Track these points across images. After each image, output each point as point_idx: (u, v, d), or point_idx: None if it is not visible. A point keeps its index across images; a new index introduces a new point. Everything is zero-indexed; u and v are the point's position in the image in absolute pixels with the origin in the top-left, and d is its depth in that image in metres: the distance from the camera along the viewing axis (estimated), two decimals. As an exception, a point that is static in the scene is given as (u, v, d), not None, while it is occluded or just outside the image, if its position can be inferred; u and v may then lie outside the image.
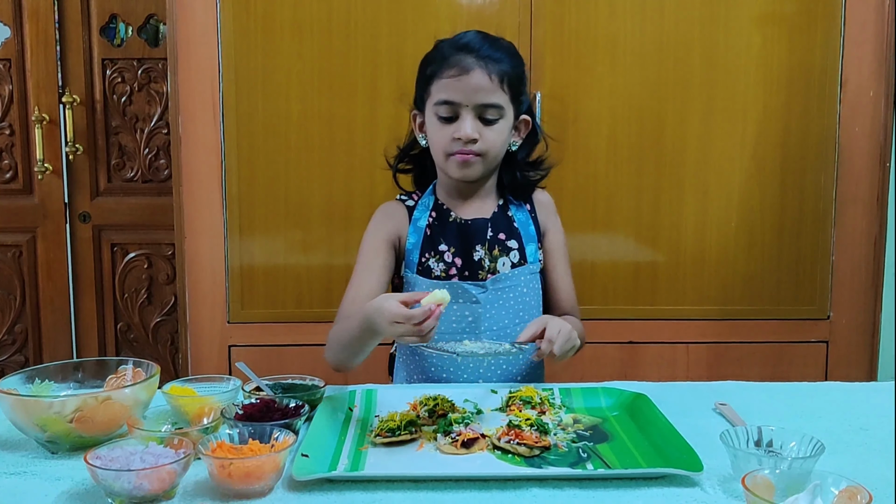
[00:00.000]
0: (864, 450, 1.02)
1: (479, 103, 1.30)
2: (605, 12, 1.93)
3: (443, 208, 1.41)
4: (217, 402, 1.06)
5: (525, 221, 1.43)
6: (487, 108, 1.31)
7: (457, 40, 1.33)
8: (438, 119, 1.32)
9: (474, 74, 1.29)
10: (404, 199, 1.45)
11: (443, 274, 1.37)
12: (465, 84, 1.29)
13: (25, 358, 2.55)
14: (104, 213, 2.50)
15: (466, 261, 1.38)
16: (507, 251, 1.39)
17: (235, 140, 1.94)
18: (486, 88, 1.30)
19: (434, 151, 1.37)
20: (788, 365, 2.03)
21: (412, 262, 1.39)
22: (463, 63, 1.29)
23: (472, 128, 1.30)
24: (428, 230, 1.39)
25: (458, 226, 1.39)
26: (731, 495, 0.88)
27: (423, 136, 1.40)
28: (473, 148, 1.31)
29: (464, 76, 1.29)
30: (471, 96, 1.29)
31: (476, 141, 1.30)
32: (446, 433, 1.02)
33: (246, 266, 1.97)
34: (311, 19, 1.91)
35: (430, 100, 1.34)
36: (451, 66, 1.30)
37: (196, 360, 1.99)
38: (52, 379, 1.10)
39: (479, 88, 1.29)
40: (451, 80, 1.30)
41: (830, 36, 1.95)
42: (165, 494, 0.87)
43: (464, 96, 1.29)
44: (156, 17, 2.45)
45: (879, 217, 1.99)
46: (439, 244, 1.39)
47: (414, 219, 1.41)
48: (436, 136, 1.34)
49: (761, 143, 1.98)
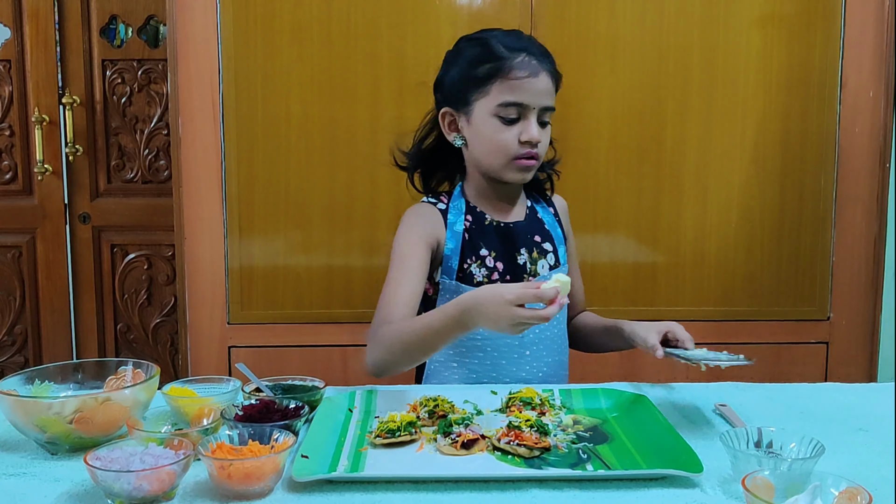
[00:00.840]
0: (864, 450, 1.02)
1: (544, 106, 1.31)
2: (605, 13, 1.93)
3: (476, 211, 1.39)
4: (217, 403, 1.06)
5: (553, 224, 1.44)
6: (546, 111, 1.32)
7: (507, 41, 1.31)
8: (500, 120, 1.30)
9: (542, 77, 1.30)
10: (434, 202, 1.40)
11: (485, 279, 1.35)
12: (533, 86, 1.29)
13: (25, 359, 2.55)
14: (104, 214, 2.51)
15: (509, 265, 1.36)
16: (545, 253, 1.40)
17: (235, 141, 1.94)
18: (549, 91, 1.32)
19: (488, 153, 1.33)
20: (788, 366, 2.02)
21: (451, 269, 1.35)
22: (530, 65, 1.29)
23: (537, 130, 1.30)
24: (466, 234, 1.36)
25: (497, 229, 1.38)
26: (731, 496, 0.88)
27: (457, 136, 1.37)
28: (536, 151, 1.31)
29: (532, 78, 1.29)
30: (538, 99, 1.30)
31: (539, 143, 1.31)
32: (446, 434, 1.02)
33: (246, 267, 1.97)
34: (311, 20, 1.91)
35: (485, 100, 1.30)
36: (519, 68, 1.28)
37: (196, 361, 1.99)
38: (51, 380, 1.10)
39: (545, 91, 1.30)
40: (520, 81, 1.28)
41: (830, 36, 1.95)
42: (165, 495, 0.87)
43: (532, 98, 1.29)
44: (156, 18, 2.45)
45: (879, 218, 1.99)
46: (480, 249, 1.36)
47: (449, 223, 1.36)
48: (496, 138, 1.31)
49: (761, 143, 1.98)
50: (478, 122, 1.32)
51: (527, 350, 1.36)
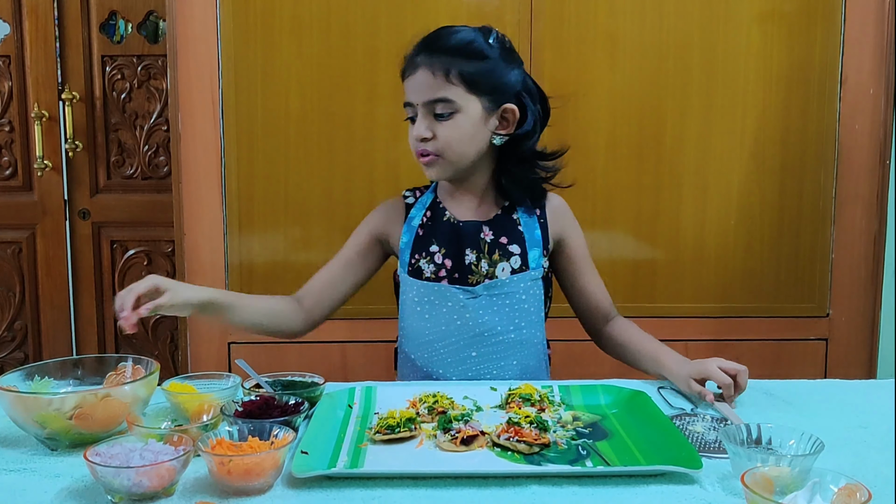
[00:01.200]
0: (863, 447, 1.02)
1: (426, 100, 1.30)
2: (604, 10, 1.93)
3: (438, 206, 1.40)
4: (216, 399, 1.06)
5: (531, 225, 1.39)
6: (436, 104, 1.29)
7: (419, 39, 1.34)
8: (407, 119, 1.34)
9: (420, 72, 1.30)
10: (407, 195, 1.45)
11: (433, 276, 1.36)
12: (412, 83, 1.31)
13: (25, 355, 2.55)
14: (104, 210, 2.50)
15: (456, 263, 1.36)
16: (508, 256, 1.36)
17: (235, 137, 1.94)
18: (430, 85, 1.29)
19: None
20: (788, 362, 2.03)
21: (404, 262, 1.39)
22: (412, 63, 1.31)
23: (423, 126, 1.30)
24: (420, 230, 1.39)
25: (450, 226, 1.38)
26: (731, 493, 0.88)
27: None
28: (428, 147, 1.31)
29: (412, 76, 1.31)
30: (417, 95, 1.30)
31: (429, 140, 1.30)
32: (446, 430, 1.02)
33: (245, 263, 1.97)
34: (310, 16, 1.91)
35: None
36: (405, 69, 1.33)
37: (195, 358, 1.99)
38: (51, 376, 1.10)
39: (424, 85, 1.29)
40: (406, 81, 1.33)
41: (830, 34, 1.95)
42: (165, 491, 0.87)
43: (413, 94, 1.31)
44: (155, 13, 2.44)
45: (879, 215, 1.99)
46: (430, 245, 1.38)
47: (409, 217, 1.41)
48: (409, 137, 1.35)
49: (761, 140, 1.98)
50: None
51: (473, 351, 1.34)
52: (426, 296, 1.35)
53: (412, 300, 1.37)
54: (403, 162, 1.95)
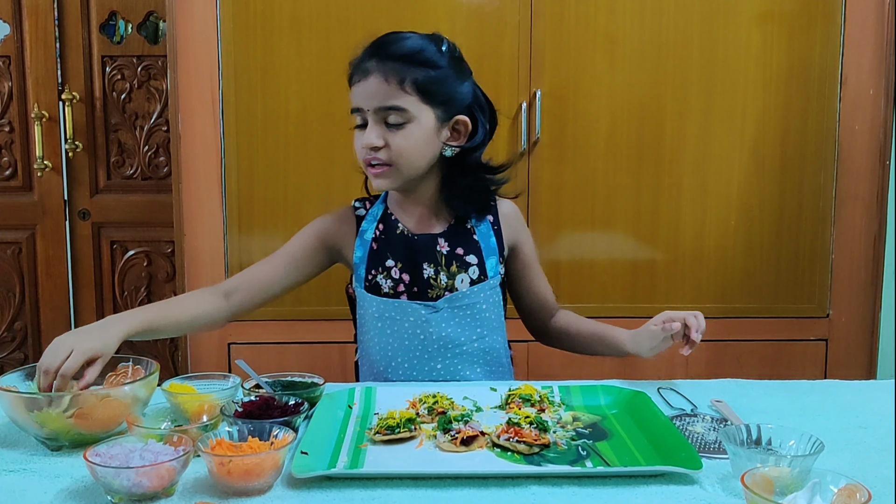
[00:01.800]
0: (863, 448, 1.02)
1: (378, 107, 1.25)
2: (604, 10, 1.93)
3: (391, 219, 1.37)
4: (216, 399, 1.06)
5: (486, 233, 1.36)
6: (389, 112, 1.25)
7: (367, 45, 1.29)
8: (355, 128, 1.30)
9: (372, 78, 1.25)
10: (357, 206, 1.41)
11: (391, 291, 1.33)
12: (363, 89, 1.26)
13: (25, 355, 2.55)
14: (104, 211, 2.50)
15: (414, 276, 1.33)
16: (466, 267, 1.34)
17: (235, 137, 1.94)
18: (384, 92, 1.24)
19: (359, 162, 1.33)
20: (788, 363, 2.03)
21: (360, 277, 1.35)
22: (362, 68, 1.26)
23: (374, 134, 1.26)
24: (374, 244, 1.35)
25: (405, 239, 1.34)
26: (731, 493, 0.88)
27: None
28: (380, 156, 1.27)
29: (362, 81, 1.26)
30: (368, 101, 1.25)
31: (380, 149, 1.26)
32: (445, 431, 1.02)
33: (245, 263, 1.97)
34: (310, 17, 1.91)
35: None
36: (353, 73, 1.28)
37: (195, 358, 1.99)
38: (51, 376, 1.10)
39: (376, 92, 1.25)
40: (355, 87, 1.28)
41: (830, 34, 1.95)
42: (165, 492, 0.87)
43: (363, 101, 1.26)
44: (155, 14, 2.44)
45: (879, 215, 1.99)
46: (386, 259, 1.34)
47: (361, 230, 1.37)
48: (355, 145, 1.31)
49: (761, 141, 1.98)
50: None
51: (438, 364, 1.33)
52: (386, 312, 1.32)
53: (371, 316, 1.33)
54: (403, 162, 1.95)
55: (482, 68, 1.93)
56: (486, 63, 1.93)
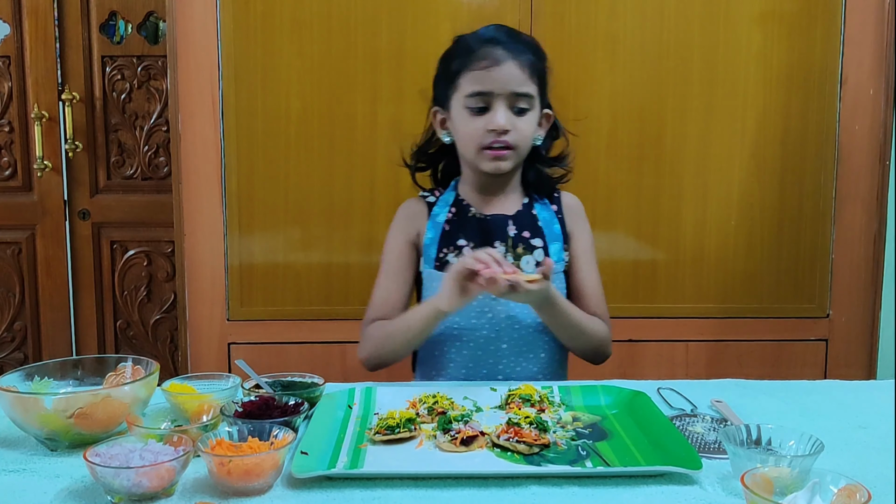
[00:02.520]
0: (863, 448, 1.02)
1: (512, 92, 1.31)
2: (605, 10, 1.93)
3: (462, 203, 1.41)
4: (216, 399, 1.06)
5: (550, 220, 1.42)
6: (520, 98, 1.32)
7: (481, 35, 1.35)
8: (470, 111, 1.32)
9: (506, 65, 1.30)
10: (426, 195, 1.45)
11: None
12: (497, 74, 1.30)
13: (25, 355, 2.55)
14: (104, 211, 2.50)
15: None
16: (532, 249, 1.39)
17: (235, 137, 1.94)
18: (518, 77, 1.31)
19: (464, 145, 1.36)
20: (788, 363, 2.03)
21: (430, 258, 1.39)
22: (494, 54, 1.31)
23: (505, 118, 1.31)
24: (447, 225, 1.40)
25: (477, 221, 1.39)
26: (731, 493, 0.88)
27: (446, 132, 1.40)
28: (507, 139, 1.31)
29: (495, 67, 1.30)
30: (504, 85, 1.30)
31: (508, 132, 1.31)
32: (445, 431, 1.02)
33: (245, 263, 1.97)
34: (311, 16, 1.91)
35: (457, 93, 1.34)
36: (482, 58, 1.31)
37: (195, 358, 1.99)
38: (51, 376, 1.10)
39: (511, 78, 1.31)
40: (483, 71, 1.31)
41: (830, 34, 1.95)
42: (164, 492, 0.87)
43: (497, 85, 1.30)
44: (155, 14, 2.44)
45: (879, 215, 1.99)
46: (458, 239, 1.38)
47: (433, 214, 1.41)
48: (467, 129, 1.33)
49: (761, 141, 1.98)
50: (455, 115, 1.36)
51: (503, 343, 1.36)
52: None
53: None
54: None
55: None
56: (486, 63, 1.93)
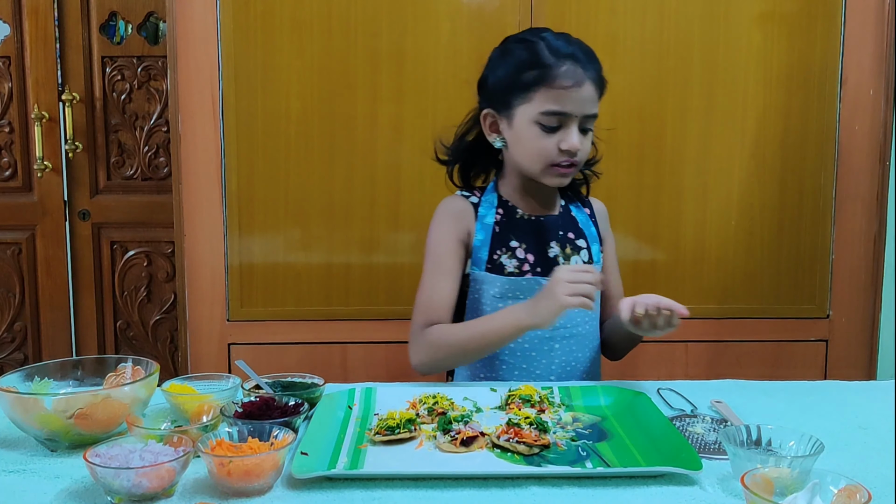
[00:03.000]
0: (863, 448, 1.02)
1: (587, 114, 1.31)
2: (605, 11, 1.93)
3: (508, 205, 1.41)
4: (216, 400, 1.06)
5: (586, 222, 1.45)
6: (589, 119, 1.32)
7: (557, 47, 1.31)
8: (541, 128, 1.30)
9: (586, 86, 1.29)
10: (467, 195, 1.43)
11: (516, 270, 1.37)
12: (578, 95, 1.29)
13: (25, 356, 2.55)
14: (104, 211, 2.50)
15: (539, 257, 1.38)
16: (578, 250, 1.41)
17: (235, 138, 1.94)
18: (593, 99, 1.31)
19: (530, 159, 1.34)
20: (788, 364, 2.03)
21: (480, 260, 1.37)
22: (576, 74, 1.29)
23: (578, 139, 1.30)
24: (496, 227, 1.39)
25: (528, 223, 1.40)
26: (731, 494, 0.88)
27: (497, 137, 1.38)
28: (575, 158, 1.32)
29: (577, 88, 1.29)
30: (581, 107, 1.30)
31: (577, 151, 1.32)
32: (445, 431, 1.02)
33: (245, 264, 1.97)
34: (311, 17, 1.91)
35: (527, 106, 1.31)
36: (564, 77, 1.28)
37: (195, 358, 1.99)
38: (51, 377, 1.10)
39: (588, 100, 1.30)
40: (565, 91, 1.28)
41: (830, 34, 1.95)
42: (164, 492, 0.87)
43: (576, 107, 1.29)
44: (155, 14, 2.44)
45: (879, 215, 1.99)
46: (510, 241, 1.38)
47: (480, 216, 1.39)
48: (536, 145, 1.31)
49: (761, 141, 1.98)
50: (519, 126, 1.33)
51: (556, 343, 1.37)
52: (511, 291, 1.36)
53: (492, 297, 1.36)
54: (405, 163, 1.95)
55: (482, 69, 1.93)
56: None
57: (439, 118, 1.94)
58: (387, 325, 1.99)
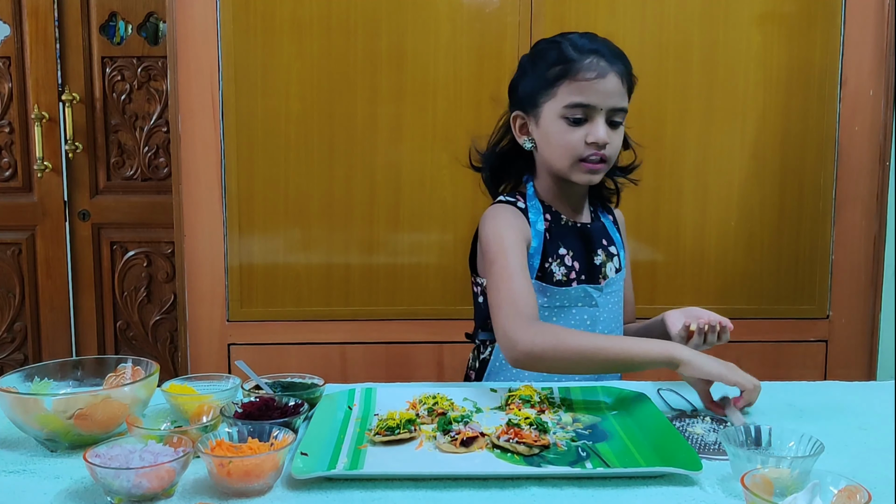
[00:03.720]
0: (863, 449, 1.02)
1: (613, 107, 1.30)
2: (605, 11, 1.93)
3: (552, 210, 1.39)
4: (216, 400, 1.05)
5: (613, 229, 1.45)
6: (617, 112, 1.31)
7: (581, 44, 1.31)
8: (566, 121, 1.30)
9: (610, 78, 1.29)
10: (513, 201, 1.38)
11: (564, 278, 1.35)
12: (601, 87, 1.28)
13: (25, 356, 2.55)
14: (104, 212, 2.50)
15: (586, 264, 1.37)
16: (611, 257, 1.41)
17: (235, 138, 1.94)
18: (619, 92, 1.30)
19: (558, 156, 1.32)
20: (788, 364, 2.03)
21: (532, 268, 1.34)
22: (598, 66, 1.28)
23: (604, 131, 1.29)
24: (547, 234, 1.36)
25: (574, 229, 1.39)
26: (730, 494, 0.88)
27: (527, 138, 1.37)
28: (604, 152, 1.30)
29: (600, 79, 1.28)
30: (606, 99, 1.29)
31: (606, 145, 1.30)
32: (445, 432, 1.02)
33: (245, 264, 1.97)
34: (310, 17, 1.91)
35: (552, 102, 1.31)
36: (587, 69, 1.28)
37: (195, 359, 1.99)
38: (51, 377, 1.10)
39: (613, 91, 1.29)
40: (588, 82, 1.28)
41: (830, 35, 1.95)
42: (164, 493, 0.87)
43: (600, 98, 1.28)
44: (155, 15, 2.44)
45: (879, 216, 1.99)
46: (559, 248, 1.36)
47: (532, 222, 1.36)
48: (563, 140, 1.30)
49: (761, 142, 1.98)
50: (546, 123, 1.32)
51: None
52: (558, 299, 1.34)
53: (541, 307, 1.32)
54: (405, 163, 1.95)
55: (483, 68, 1.93)
56: (486, 63, 1.93)
57: (439, 118, 1.94)
58: (387, 326, 1.99)
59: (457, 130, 1.94)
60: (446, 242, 1.98)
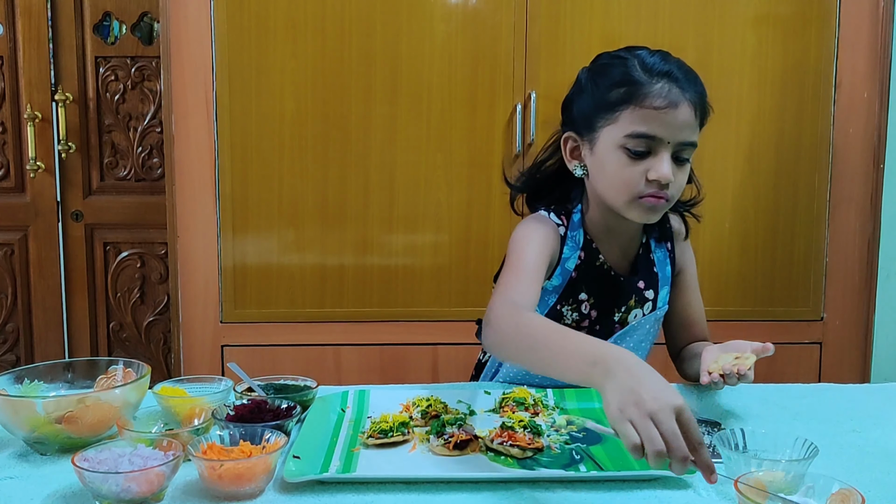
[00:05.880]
0: (857, 452, 1.02)
1: (682, 141, 1.14)
2: (600, 12, 1.93)
3: (591, 247, 1.25)
4: (208, 402, 1.05)
5: (663, 261, 1.32)
6: (685, 147, 1.15)
7: (652, 64, 1.14)
8: (628, 153, 1.14)
9: (682, 108, 1.12)
10: (558, 223, 1.25)
11: (573, 324, 1.25)
12: (671, 118, 1.12)
13: (17, 357, 2.54)
14: (97, 212, 2.49)
15: (602, 317, 1.26)
16: (643, 303, 1.29)
17: (229, 139, 1.93)
18: (690, 125, 1.14)
19: (615, 190, 1.17)
20: (782, 366, 2.02)
21: (545, 303, 1.24)
22: (670, 93, 1.12)
23: (669, 168, 1.13)
24: (574, 273, 1.24)
25: (606, 277, 1.25)
26: (724, 498, 0.88)
27: (578, 164, 1.22)
28: (668, 191, 1.15)
29: (671, 109, 1.11)
30: (675, 133, 1.12)
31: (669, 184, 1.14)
32: (439, 434, 1.01)
33: (239, 265, 1.97)
34: (305, 18, 1.91)
35: (612, 127, 1.15)
36: (656, 96, 1.12)
37: (189, 360, 1.98)
38: (41, 379, 1.09)
39: (685, 125, 1.13)
40: (656, 111, 1.11)
41: (825, 37, 1.96)
42: (154, 497, 0.86)
43: (668, 131, 1.12)
44: (149, 15, 2.44)
45: (873, 218, 2.00)
46: (580, 292, 1.25)
47: (563, 257, 1.24)
48: (621, 174, 1.15)
49: (755, 144, 1.98)
50: (602, 151, 1.17)
51: None
52: None
53: None
54: (399, 164, 1.95)
55: (477, 70, 1.93)
56: (481, 65, 1.93)
57: (433, 119, 1.94)
58: (380, 328, 1.99)
59: (451, 132, 1.93)
60: (441, 244, 1.97)
